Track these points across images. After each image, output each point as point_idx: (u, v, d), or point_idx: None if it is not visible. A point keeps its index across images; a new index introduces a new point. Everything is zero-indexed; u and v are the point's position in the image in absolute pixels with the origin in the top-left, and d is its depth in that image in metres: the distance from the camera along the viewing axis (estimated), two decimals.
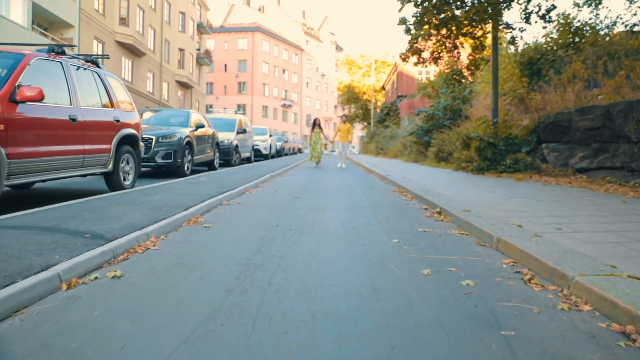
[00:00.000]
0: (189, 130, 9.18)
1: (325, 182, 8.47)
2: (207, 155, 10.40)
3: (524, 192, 5.86)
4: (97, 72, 5.47)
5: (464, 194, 5.65)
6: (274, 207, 4.96)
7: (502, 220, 3.79)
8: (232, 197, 5.62)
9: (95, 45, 24.09)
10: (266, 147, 18.53)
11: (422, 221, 4.21)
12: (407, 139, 19.27)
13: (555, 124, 8.79)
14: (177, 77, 35.36)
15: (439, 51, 10.08)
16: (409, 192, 6.37)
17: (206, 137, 10.27)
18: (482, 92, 15.77)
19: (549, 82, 11.11)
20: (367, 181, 8.84)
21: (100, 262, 2.38)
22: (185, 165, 8.75)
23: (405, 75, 34.34)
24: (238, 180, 7.34)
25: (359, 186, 7.63)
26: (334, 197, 5.99)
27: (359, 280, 2.34)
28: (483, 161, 9.39)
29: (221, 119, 14.41)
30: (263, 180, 8.08)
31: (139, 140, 6.22)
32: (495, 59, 10.38)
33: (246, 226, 3.77)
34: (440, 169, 11.73)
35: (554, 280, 2.34)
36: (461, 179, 8.00)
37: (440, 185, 7.00)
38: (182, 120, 9.53)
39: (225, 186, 6.30)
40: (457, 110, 15.96)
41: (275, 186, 7.41)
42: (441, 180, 7.84)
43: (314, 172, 11.10)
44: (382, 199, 5.81)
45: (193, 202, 4.48)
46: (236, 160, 13.56)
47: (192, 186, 6.07)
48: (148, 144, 8.11)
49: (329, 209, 4.90)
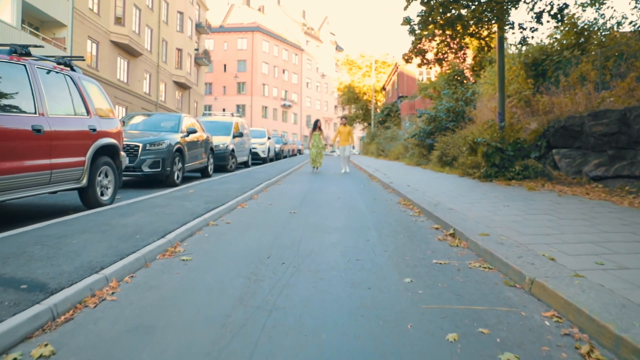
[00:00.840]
0: (179, 136, 8.64)
1: (325, 191, 7.93)
2: (200, 161, 9.86)
3: (541, 206, 5.32)
4: (70, 76, 4.93)
5: (476, 209, 5.12)
6: (267, 227, 4.41)
7: (529, 249, 3.25)
8: (222, 214, 5.08)
9: (89, 45, 23.56)
10: (264, 150, 17.98)
11: (435, 247, 3.67)
12: (408, 141, 18.74)
13: (566, 129, 8.25)
14: (175, 78, 34.81)
15: (443, 52, 9.53)
16: (416, 206, 5.83)
17: (199, 142, 9.73)
18: (485, 94, 15.24)
19: (554, 84, 10.61)
20: (370, 190, 8.30)
21: (30, 330, 1.81)
22: (175, 174, 8.20)
23: (406, 76, 33.82)
24: (230, 192, 6.80)
25: (361, 197, 7.10)
26: (335, 212, 5.46)
27: (367, 352, 1.80)
28: (491, 167, 8.85)
29: (217, 122, 13.87)
30: (258, 191, 7.53)
31: (120, 151, 5.68)
32: (502, 61, 9.84)
33: (231, 258, 3.23)
34: (445, 174, 11.20)
35: (620, 354, 1.80)
36: (469, 188, 7.46)
37: (449, 196, 6.46)
38: (172, 126, 8.98)
39: (215, 200, 5.76)
40: (460, 112, 15.44)
41: (271, 198, 6.87)
42: (448, 190, 7.30)
43: (313, 179, 10.56)
44: (387, 215, 5.27)
45: (173, 226, 3.94)
46: (232, 165, 13.02)
47: (178, 201, 5.53)
48: (134, 151, 7.57)
49: (328, 229, 4.36)
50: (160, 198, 5.76)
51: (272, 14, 63.78)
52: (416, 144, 16.95)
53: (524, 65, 11.70)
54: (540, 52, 11.58)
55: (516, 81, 11.80)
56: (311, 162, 13.47)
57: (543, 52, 11.52)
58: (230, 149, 12.80)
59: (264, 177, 10.13)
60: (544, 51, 11.57)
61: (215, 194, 6.47)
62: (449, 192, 6.92)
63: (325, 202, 6.47)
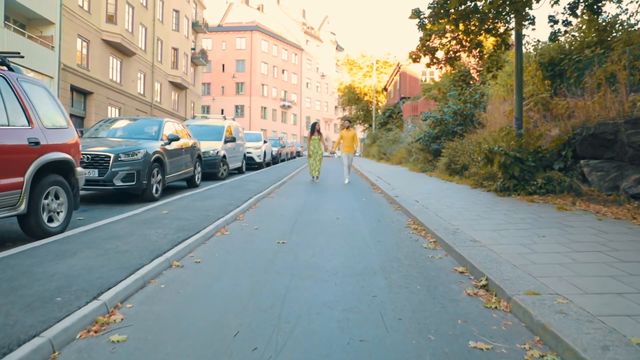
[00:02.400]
0: (159, 144, 7.68)
1: (322, 208, 6.97)
2: (184, 171, 8.90)
3: (584, 236, 4.36)
4: (6, 77, 3.98)
5: (505, 240, 4.16)
6: (244, 271, 3.46)
7: (609, 328, 2.27)
8: (194, 247, 4.13)
9: (79, 43, 22.62)
10: (260, 154, 17.02)
11: (465, 311, 2.71)
12: (412, 145, 17.78)
13: (596, 137, 7.30)
14: (171, 78, 33.87)
15: (454, 50, 8.58)
16: (430, 233, 4.88)
17: (183, 150, 8.77)
18: (495, 96, 14.30)
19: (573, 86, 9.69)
20: (373, 206, 7.34)
21: None
22: (153, 187, 7.25)
23: (408, 76, 32.86)
24: (212, 210, 5.84)
25: (363, 217, 6.13)
26: (332, 242, 4.50)
27: None
28: (509, 180, 7.89)
29: (207, 126, 12.92)
30: (246, 208, 6.58)
31: (75, 166, 4.73)
32: (520, 60, 8.88)
33: (184, 337, 2.28)
34: (454, 184, 10.23)
35: None
36: (488, 205, 6.50)
37: (466, 217, 5.51)
38: (151, 132, 8.02)
39: (190, 225, 4.80)
40: (469, 116, 14.48)
41: (259, 218, 5.91)
42: (463, 207, 6.35)
43: (310, 190, 9.58)
44: (395, 248, 4.31)
45: (120, 274, 2.99)
46: (224, 172, 12.07)
47: (143, 228, 4.57)
48: (104, 163, 6.62)
49: (323, 273, 3.41)
50: (123, 223, 4.80)
51: (272, 13, 62.83)
52: (421, 148, 16.00)
53: (539, 65, 10.77)
54: (558, 51, 10.64)
55: (531, 82, 10.84)
56: (310, 171, 11.98)
57: (561, 51, 10.59)
58: (221, 155, 11.84)
59: (256, 188, 9.18)
60: (562, 50, 10.63)
61: (193, 214, 5.52)
62: (465, 212, 5.96)
63: (322, 224, 5.52)
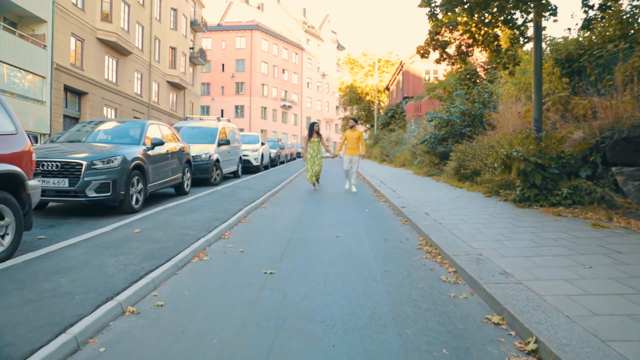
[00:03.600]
0: (140, 149, 6.91)
1: (320, 222, 6.18)
2: (171, 178, 8.14)
3: None
4: None
5: (544, 274, 3.37)
6: (216, 323, 2.68)
7: None
8: (160, 281, 3.35)
9: (73, 42, 21.92)
10: (257, 157, 16.23)
11: None
12: (417, 147, 16.97)
13: (630, 141, 6.50)
14: (169, 78, 33.18)
15: (467, 45, 7.78)
16: (447, 259, 4.09)
17: (169, 155, 8.01)
18: (506, 95, 13.49)
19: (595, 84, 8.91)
20: (378, 219, 6.55)
21: None
22: (133, 197, 6.48)
23: (411, 75, 32.04)
24: (193, 228, 5.07)
25: (366, 234, 5.34)
26: (330, 275, 3.70)
27: None
28: (529, 189, 7.10)
29: (199, 129, 12.16)
30: (234, 222, 5.80)
31: (25, 180, 3.97)
32: (539, 55, 8.06)
33: None
34: (465, 191, 9.43)
35: None
36: (510, 221, 5.70)
37: (488, 236, 4.72)
38: (133, 137, 7.25)
39: (162, 250, 4.03)
40: (478, 116, 13.67)
41: (247, 237, 5.13)
42: (481, 223, 5.56)
43: (307, 200, 8.78)
44: (408, 283, 3.50)
45: (42, 336, 2.21)
46: (217, 178, 11.30)
47: (102, 255, 3.79)
48: (75, 171, 5.85)
49: (318, 325, 2.62)
50: (81, 248, 4.03)
51: (272, 12, 62.07)
52: (426, 151, 15.18)
53: (555, 61, 9.98)
54: (576, 46, 9.84)
55: (548, 80, 10.02)
56: (308, 178, 10.38)
57: (579, 46, 9.79)
58: (214, 159, 11.08)
59: (249, 196, 8.40)
60: (580, 45, 9.83)
61: (170, 233, 4.75)
62: (485, 230, 5.17)
63: (319, 245, 4.74)
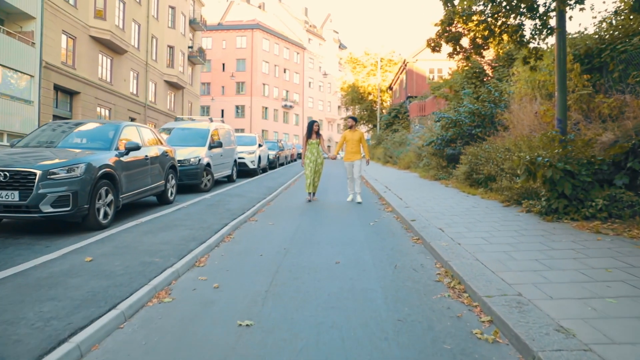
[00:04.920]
0: (111, 155, 6.03)
1: (317, 242, 5.27)
2: (152, 186, 7.26)
3: None
4: None
5: (618, 333, 2.48)
6: None
7: None
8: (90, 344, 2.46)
9: (64, 40, 21.08)
10: (253, 160, 15.33)
11: None
12: (423, 149, 16.06)
13: None
14: (166, 77, 32.33)
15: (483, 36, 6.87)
16: (478, 301, 3.19)
17: (149, 160, 7.13)
18: (518, 94, 12.59)
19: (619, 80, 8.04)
20: (384, 237, 5.63)
21: None
22: (100, 211, 5.60)
23: (415, 74, 31.12)
24: (162, 252, 4.19)
25: (373, 261, 4.43)
26: (325, 326, 2.80)
27: None
28: (557, 199, 6.19)
29: (189, 130, 11.29)
30: (216, 242, 4.92)
31: None
32: (563, 47, 7.15)
33: None
34: (479, 198, 8.52)
35: None
36: (542, 241, 4.81)
37: (521, 264, 3.83)
38: (103, 141, 6.35)
39: (110, 289, 3.15)
40: (489, 116, 12.76)
41: (227, 264, 4.24)
42: (509, 244, 4.66)
43: (304, 210, 7.85)
44: (432, 344, 2.62)
45: None
46: (207, 183, 10.42)
47: (26, 301, 2.91)
48: (28, 182, 4.98)
49: None
50: (4, 288, 3.15)
51: (273, 11, 61.23)
52: (433, 153, 14.28)
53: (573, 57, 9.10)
54: (596, 41, 8.96)
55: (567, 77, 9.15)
56: (306, 186, 8.93)
57: (600, 41, 8.90)
58: (204, 163, 10.19)
59: (239, 205, 7.53)
60: (602, 39, 8.95)
61: (129, 262, 3.87)
62: (516, 253, 4.26)
63: (314, 275, 3.85)
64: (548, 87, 10.25)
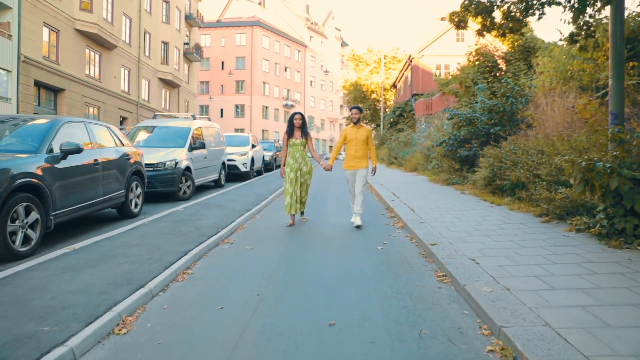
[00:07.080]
0: (38, 160, 4.59)
1: (305, 282, 3.81)
2: (104, 198, 5.82)
3: None
4: None
5: None
6: None
7: None
8: None
9: (45, 33, 19.65)
10: (245, 162, 13.86)
11: None
12: (433, 149, 14.59)
13: None
14: (160, 74, 30.92)
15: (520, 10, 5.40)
16: None
17: (99, 166, 5.68)
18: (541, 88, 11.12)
19: None
20: (399, 273, 4.14)
21: None
22: (17, 236, 4.16)
23: (421, 70, 29.62)
24: (68, 310, 2.76)
25: (385, 323, 2.93)
26: None
27: None
28: (623, 217, 4.72)
29: (168, 129, 9.85)
30: (164, 283, 3.48)
31: None
32: (620, 24, 5.69)
33: None
34: (506, 209, 7.05)
35: None
36: (626, 283, 3.35)
37: (613, 328, 2.39)
38: (30, 143, 4.89)
39: None
40: (508, 113, 11.29)
41: (164, 330, 2.79)
42: (580, 288, 3.20)
43: (293, 233, 6.07)
44: None
45: None
46: (187, 190, 8.97)
47: None
48: None
49: None
50: None
51: (273, 8, 59.79)
52: (444, 154, 12.80)
53: None
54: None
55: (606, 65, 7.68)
56: (285, 206, 6.30)
57: None
58: (182, 167, 8.74)
59: (214, 221, 6.07)
60: None
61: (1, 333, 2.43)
62: (596, 308, 2.80)
63: (293, 353, 2.41)
64: (584, 78, 8.79)
